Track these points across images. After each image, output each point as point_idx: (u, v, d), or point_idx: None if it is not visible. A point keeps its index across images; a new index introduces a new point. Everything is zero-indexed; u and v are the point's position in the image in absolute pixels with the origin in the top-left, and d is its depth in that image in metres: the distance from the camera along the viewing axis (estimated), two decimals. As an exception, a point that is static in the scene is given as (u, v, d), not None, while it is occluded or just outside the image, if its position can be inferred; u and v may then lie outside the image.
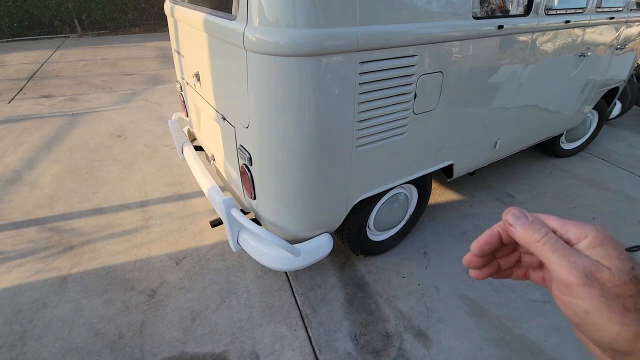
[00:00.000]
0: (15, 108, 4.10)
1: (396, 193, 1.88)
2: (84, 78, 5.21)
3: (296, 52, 1.08)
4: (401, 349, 1.57)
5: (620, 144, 3.48)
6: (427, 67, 1.39)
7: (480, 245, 0.37)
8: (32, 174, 2.81)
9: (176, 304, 1.76)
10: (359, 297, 1.82)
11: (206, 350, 1.56)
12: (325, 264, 2.01)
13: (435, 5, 1.30)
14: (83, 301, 1.77)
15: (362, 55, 1.18)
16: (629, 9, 2.33)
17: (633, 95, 3.55)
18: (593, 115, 3.12)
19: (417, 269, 1.98)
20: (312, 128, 1.22)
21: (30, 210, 2.40)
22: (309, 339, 1.61)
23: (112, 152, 3.16)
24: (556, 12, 1.82)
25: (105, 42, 7.69)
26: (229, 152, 1.62)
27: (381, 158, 1.49)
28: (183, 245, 2.12)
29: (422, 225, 2.30)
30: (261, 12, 1.09)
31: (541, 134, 2.50)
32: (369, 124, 1.34)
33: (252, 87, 1.21)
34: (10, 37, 7.87)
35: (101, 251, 2.07)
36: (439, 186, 2.72)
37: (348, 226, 1.73)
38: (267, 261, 1.51)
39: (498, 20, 1.54)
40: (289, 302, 1.78)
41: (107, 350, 1.55)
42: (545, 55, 1.92)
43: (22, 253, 2.05)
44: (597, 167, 3.05)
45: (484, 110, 1.81)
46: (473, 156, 2.01)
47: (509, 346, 1.59)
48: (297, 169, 1.30)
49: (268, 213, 1.48)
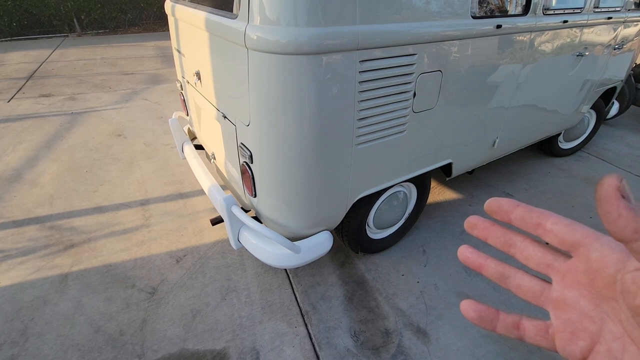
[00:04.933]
0: (15, 107, 4.10)
1: (395, 191, 1.89)
2: (83, 77, 5.21)
3: (297, 50, 1.09)
4: (400, 346, 1.59)
5: (618, 144, 3.50)
6: (426, 66, 1.40)
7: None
8: (32, 173, 2.82)
9: (177, 301, 1.77)
10: (358, 295, 1.83)
11: (207, 347, 1.57)
12: (325, 262, 2.02)
13: (435, 4, 1.32)
14: (84, 299, 1.78)
15: (362, 54, 1.19)
16: (626, 9, 2.35)
17: (631, 95, 3.57)
18: (591, 115, 3.14)
19: (416, 267, 1.99)
20: (313, 126, 1.23)
21: (30, 209, 2.40)
22: (309, 336, 1.62)
23: (112, 151, 3.17)
24: (554, 12, 1.83)
25: (105, 42, 7.69)
26: (230, 150, 1.63)
27: (381, 156, 1.50)
28: (183, 244, 2.13)
29: (421, 224, 2.31)
30: (262, 11, 1.10)
31: (539, 133, 2.52)
32: (368, 122, 1.35)
33: (253, 85, 1.23)
34: (9, 37, 7.86)
35: (102, 249, 2.08)
36: (438, 185, 2.74)
37: (348, 224, 1.74)
38: (268, 258, 1.52)
39: (496, 20, 1.55)
40: (289, 299, 1.79)
41: (108, 347, 1.56)
42: (543, 55, 1.93)
43: (22, 251, 2.05)
44: (595, 167, 3.07)
45: (482, 109, 1.83)
46: (472, 155, 2.02)
47: (507, 343, 1.60)
48: (297, 167, 1.31)
49: (268, 210, 1.49)
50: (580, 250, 0.25)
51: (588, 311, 0.25)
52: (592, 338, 0.24)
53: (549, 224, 0.26)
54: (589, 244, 0.24)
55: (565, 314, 0.26)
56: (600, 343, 0.24)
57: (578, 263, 0.25)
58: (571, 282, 0.26)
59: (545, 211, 0.27)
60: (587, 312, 0.25)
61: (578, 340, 0.25)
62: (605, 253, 0.23)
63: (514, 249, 0.29)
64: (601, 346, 0.24)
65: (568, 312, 0.26)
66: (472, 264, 0.32)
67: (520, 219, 0.27)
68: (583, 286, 0.25)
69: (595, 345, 0.24)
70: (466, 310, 0.31)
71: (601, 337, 0.24)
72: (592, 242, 0.24)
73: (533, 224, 0.27)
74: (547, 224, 0.26)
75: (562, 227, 0.26)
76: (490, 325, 0.30)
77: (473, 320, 0.30)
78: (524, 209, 0.27)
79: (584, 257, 0.24)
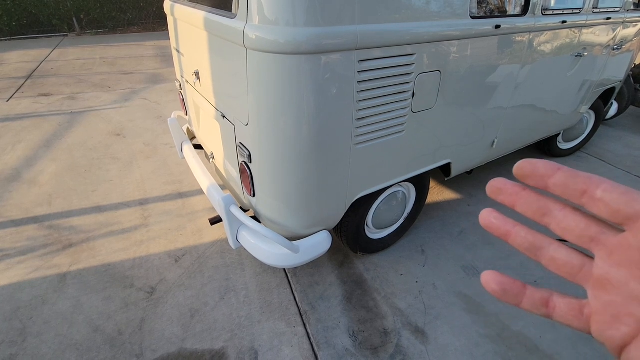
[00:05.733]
0: (14, 106, 4.10)
1: (394, 191, 1.89)
2: (82, 77, 5.21)
3: (295, 50, 1.09)
4: (399, 346, 1.59)
5: (617, 144, 3.50)
6: (425, 66, 1.40)
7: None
8: (31, 172, 2.81)
9: (175, 301, 1.77)
10: (357, 295, 1.83)
11: (205, 347, 1.57)
12: (324, 262, 2.02)
13: (434, 4, 1.32)
14: (82, 298, 1.78)
15: (360, 54, 1.19)
16: (625, 10, 2.35)
17: (630, 96, 3.58)
18: (590, 116, 3.14)
19: (415, 267, 1.99)
20: (312, 125, 1.23)
21: (29, 208, 2.40)
22: (308, 336, 1.63)
23: (111, 150, 3.17)
24: (553, 13, 1.84)
25: (104, 41, 7.69)
26: (229, 150, 1.63)
27: (379, 156, 1.50)
28: (182, 243, 2.13)
29: (420, 224, 2.31)
30: (261, 11, 1.10)
31: (538, 133, 2.52)
32: (367, 122, 1.36)
33: (252, 85, 1.23)
34: (8, 36, 7.85)
35: (100, 249, 2.08)
36: (437, 185, 2.74)
37: (347, 224, 1.74)
38: (266, 258, 1.52)
39: (495, 20, 1.55)
40: (287, 299, 1.79)
41: (107, 346, 1.56)
42: (542, 55, 1.93)
43: (21, 250, 2.05)
44: (594, 167, 3.07)
45: (481, 110, 1.83)
46: (470, 155, 2.02)
47: (505, 343, 1.60)
48: (296, 166, 1.31)
49: (267, 210, 1.49)
50: (639, 224, 0.21)
51: (638, 294, 0.21)
52: (638, 324, 0.22)
53: (599, 192, 0.22)
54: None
55: (608, 295, 0.23)
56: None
57: (633, 238, 0.21)
58: (620, 260, 0.22)
59: (594, 176, 0.23)
60: (636, 295, 0.22)
61: (621, 326, 0.22)
62: None
63: (549, 218, 0.25)
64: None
65: (612, 294, 0.23)
66: (498, 230, 0.27)
67: (562, 185, 0.23)
68: (635, 265, 0.22)
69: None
70: (487, 282, 0.27)
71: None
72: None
73: (578, 190, 0.23)
74: (597, 191, 0.22)
75: (617, 196, 0.22)
76: (515, 300, 0.27)
77: (495, 294, 0.27)
78: (567, 174, 0.23)
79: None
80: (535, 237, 0.26)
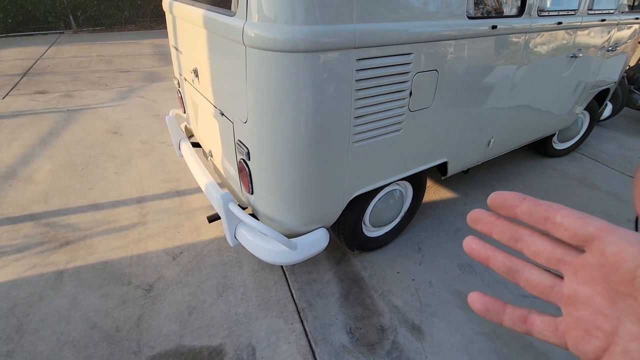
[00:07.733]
0: (10, 104, 4.07)
1: (391, 189, 1.90)
2: (79, 74, 5.18)
3: (294, 48, 1.10)
4: (395, 342, 1.60)
5: (611, 145, 3.54)
6: (422, 65, 1.42)
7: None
8: (27, 170, 2.80)
9: (173, 298, 1.77)
10: (354, 292, 1.84)
11: (203, 344, 1.57)
12: (321, 259, 2.03)
13: (431, 4, 1.33)
14: (79, 295, 1.77)
15: (358, 52, 1.20)
16: (620, 12, 2.38)
17: (624, 97, 3.62)
18: (584, 116, 3.17)
19: (411, 265, 2.01)
20: (310, 123, 1.24)
21: (25, 206, 2.39)
22: (305, 332, 1.64)
23: (108, 148, 3.16)
24: (548, 14, 1.86)
25: (101, 39, 7.64)
26: (227, 147, 1.63)
27: (377, 154, 1.51)
28: (180, 241, 2.13)
29: (417, 222, 2.33)
30: (260, 9, 1.11)
31: (534, 133, 2.55)
32: (365, 120, 1.37)
33: (250, 83, 1.23)
34: (4, 33, 7.79)
35: (97, 246, 2.07)
36: (434, 184, 2.76)
37: (344, 222, 1.76)
38: (264, 255, 1.53)
39: (492, 21, 1.57)
40: (285, 296, 1.80)
41: (104, 343, 1.56)
42: (538, 56, 1.95)
43: (17, 248, 2.04)
44: (588, 167, 3.11)
45: (477, 109, 1.85)
46: (467, 154, 2.04)
47: (500, 339, 1.62)
48: (294, 164, 1.32)
49: (265, 208, 1.50)
50: (595, 244, 0.23)
51: (603, 309, 0.23)
52: (607, 337, 0.23)
53: (558, 217, 0.24)
54: (603, 237, 0.22)
55: (577, 311, 0.24)
56: (615, 343, 0.23)
57: (592, 258, 0.23)
58: (584, 278, 0.24)
59: (553, 204, 0.25)
60: (601, 309, 0.23)
61: (591, 339, 0.23)
62: (622, 247, 0.21)
63: (521, 244, 0.27)
64: (617, 346, 0.22)
65: (581, 309, 0.24)
66: (479, 256, 0.30)
67: (527, 213, 0.26)
68: (597, 282, 0.23)
69: (611, 345, 0.23)
70: (473, 302, 0.30)
71: (617, 337, 0.22)
72: (607, 235, 0.22)
73: (541, 217, 0.25)
74: (556, 217, 0.24)
75: (573, 220, 0.24)
76: (497, 318, 0.29)
77: (479, 312, 0.29)
78: (531, 203, 0.26)
79: (599, 252, 0.23)
80: (512, 261, 0.29)
